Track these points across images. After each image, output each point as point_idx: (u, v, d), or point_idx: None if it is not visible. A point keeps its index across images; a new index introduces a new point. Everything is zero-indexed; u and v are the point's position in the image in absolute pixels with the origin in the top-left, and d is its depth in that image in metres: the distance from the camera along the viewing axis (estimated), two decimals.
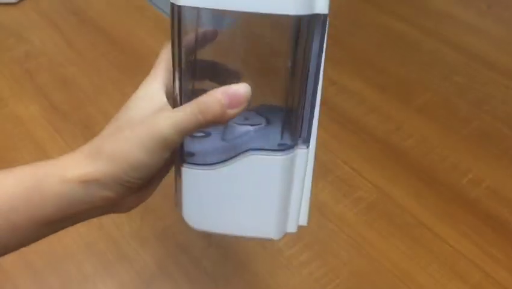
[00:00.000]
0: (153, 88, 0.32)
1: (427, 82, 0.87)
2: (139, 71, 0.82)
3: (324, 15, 0.30)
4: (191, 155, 0.34)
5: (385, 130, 0.77)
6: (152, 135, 0.30)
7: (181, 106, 0.31)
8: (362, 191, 0.68)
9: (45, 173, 0.31)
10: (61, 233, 0.33)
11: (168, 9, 0.31)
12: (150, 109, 0.31)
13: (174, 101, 0.32)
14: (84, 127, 0.73)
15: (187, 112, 0.30)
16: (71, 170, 0.30)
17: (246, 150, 0.33)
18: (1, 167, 0.63)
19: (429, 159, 0.73)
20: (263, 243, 0.60)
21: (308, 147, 0.35)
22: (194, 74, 0.32)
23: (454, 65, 0.91)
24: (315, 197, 0.67)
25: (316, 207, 0.65)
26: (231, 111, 0.30)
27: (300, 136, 0.34)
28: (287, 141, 0.34)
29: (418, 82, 0.87)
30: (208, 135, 0.34)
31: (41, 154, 0.68)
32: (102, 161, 0.30)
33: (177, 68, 0.31)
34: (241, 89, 0.30)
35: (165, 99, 0.31)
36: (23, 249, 0.32)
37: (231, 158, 0.33)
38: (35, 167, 0.31)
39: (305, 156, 0.35)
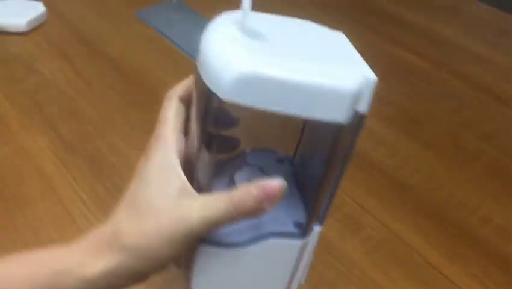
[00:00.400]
0: (168, 159, 0.30)
1: (436, 116, 0.87)
2: (147, 104, 0.83)
3: (363, 115, 0.29)
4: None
5: (392, 165, 0.77)
6: (182, 231, 0.28)
7: (212, 198, 0.29)
8: (370, 229, 0.67)
9: (62, 269, 0.29)
10: None
11: (178, 40, 0.30)
12: (170, 187, 0.29)
13: (196, 182, 0.31)
14: (91, 162, 0.73)
15: (220, 208, 0.28)
16: (90, 266, 0.29)
17: (266, 236, 0.33)
18: (9, 204, 0.62)
19: (437, 195, 0.73)
20: None
21: (322, 224, 0.35)
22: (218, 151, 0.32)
23: (462, 98, 0.91)
24: (322, 235, 0.67)
25: (323, 246, 0.65)
26: (266, 206, 0.29)
27: (317, 218, 0.34)
28: (307, 225, 0.34)
29: (427, 115, 0.87)
30: None
31: (49, 190, 0.68)
32: (125, 255, 0.29)
33: (208, 161, 0.30)
34: (276, 185, 0.29)
35: (182, 174, 0.30)
36: None
37: (250, 242, 0.33)
38: (51, 258, 0.30)
39: (318, 233, 0.35)
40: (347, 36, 0.35)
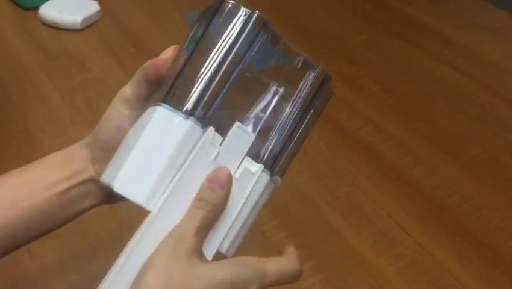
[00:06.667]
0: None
1: (477, 137, 0.86)
2: None
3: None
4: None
5: (430, 185, 0.77)
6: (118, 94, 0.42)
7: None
8: (404, 247, 0.68)
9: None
10: None
11: None
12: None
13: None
14: None
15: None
16: None
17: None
18: None
19: (474, 218, 0.72)
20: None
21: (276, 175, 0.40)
22: None
23: (505, 121, 0.90)
24: (354, 248, 0.67)
25: (356, 259, 0.66)
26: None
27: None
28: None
29: (467, 137, 0.86)
30: None
31: None
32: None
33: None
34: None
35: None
36: None
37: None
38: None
39: (264, 184, 0.38)
40: (391, 51, 0.37)
